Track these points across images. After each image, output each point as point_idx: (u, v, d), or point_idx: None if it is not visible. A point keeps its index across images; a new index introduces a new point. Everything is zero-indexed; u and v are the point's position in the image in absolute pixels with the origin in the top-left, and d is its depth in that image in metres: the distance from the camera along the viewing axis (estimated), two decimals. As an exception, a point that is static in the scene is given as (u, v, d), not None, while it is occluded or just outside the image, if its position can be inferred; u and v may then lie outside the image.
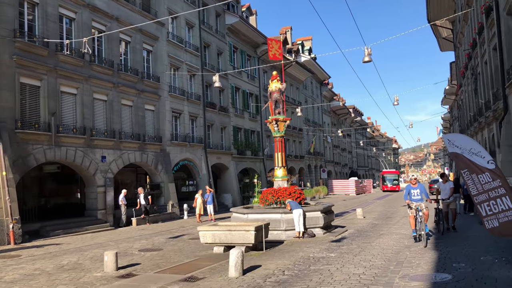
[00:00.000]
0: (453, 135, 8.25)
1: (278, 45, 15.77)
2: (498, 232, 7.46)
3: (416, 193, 11.34)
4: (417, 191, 11.35)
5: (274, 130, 15.62)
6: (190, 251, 12.16)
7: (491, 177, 7.50)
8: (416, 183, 11.53)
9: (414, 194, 11.35)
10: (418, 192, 11.34)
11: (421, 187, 11.42)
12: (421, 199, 11.25)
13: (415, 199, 11.33)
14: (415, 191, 11.37)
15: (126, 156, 20.93)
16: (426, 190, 11.84)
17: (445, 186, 13.28)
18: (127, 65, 21.77)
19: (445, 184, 13.34)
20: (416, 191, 11.36)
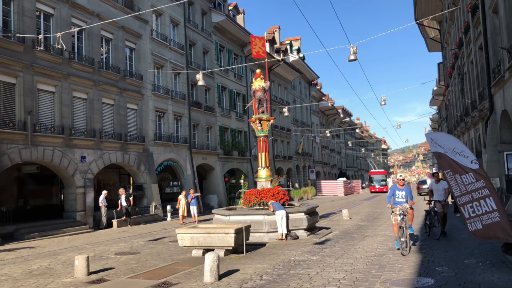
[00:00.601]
0: (436, 134, 7.96)
1: (262, 42, 15.40)
2: (481, 235, 7.17)
3: (402, 195, 10.22)
4: (402, 193, 10.23)
5: (258, 129, 15.25)
6: (169, 255, 11.74)
7: (474, 178, 7.21)
8: (403, 184, 10.36)
9: (399, 196, 10.23)
10: (403, 195, 10.21)
11: (407, 190, 10.23)
12: (405, 202, 10.22)
13: (399, 202, 10.15)
14: (400, 193, 10.25)
15: (107, 156, 20.39)
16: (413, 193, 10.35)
17: (438, 187, 12.18)
18: (109, 63, 21.23)
19: (438, 184, 12.21)
20: (401, 193, 10.25)
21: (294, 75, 48.53)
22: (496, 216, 6.90)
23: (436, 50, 40.23)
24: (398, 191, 10.28)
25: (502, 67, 12.09)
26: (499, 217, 6.87)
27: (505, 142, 13.42)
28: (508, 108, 12.11)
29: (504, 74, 11.87)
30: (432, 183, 12.56)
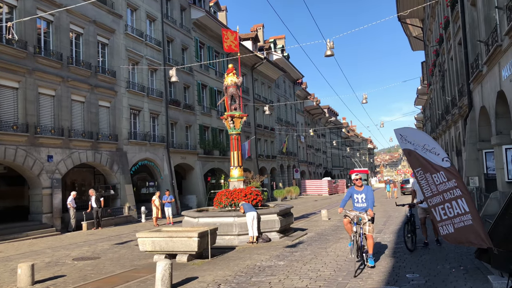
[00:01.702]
0: (405, 130, 7.37)
1: (234, 36, 14.73)
2: (453, 239, 6.60)
3: (361, 199, 8.21)
4: (362, 197, 8.18)
5: (230, 127, 14.58)
6: (130, 260, 11.02)
7: (445, 177, 6.64)
8: (362, 185, 8.31)
9: (358, 201, 8.23)
10: (363, 198, 8.19)
11: (368, 192, 8.21)
12: (366, 208, 8.08)
13: (358, 208, 8.21)
14: (359, 196, 8.23)
15: (76, 156, 19.51)
16: (374, 197, 8.42)
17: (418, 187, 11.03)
18: (79, 58, 20.34)
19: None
20: (361, 197, 8.20)
21: (278, 73, 47.95)
22: (468, 219, 6.33)
23: (419, 49, 40.12)
24: (357, 194, 8.27)
25: (480, 61, 11.63)
26: (471, 220, 6.31)
27: (483, 140, 12.97)
28: (486, 104, 11.65)
29: (482, 69, 11.41)
30: (414, 182, 10.71)
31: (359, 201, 8.26)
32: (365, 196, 8.19)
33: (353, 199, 8.35)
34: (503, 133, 10.55)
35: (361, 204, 8.23)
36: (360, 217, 7.98)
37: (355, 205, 8.32)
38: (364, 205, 8.16)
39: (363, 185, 8.31)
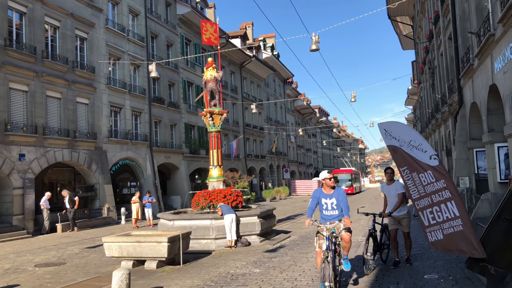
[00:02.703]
0: (390, 124, 6.65)
1: (214, 28, 13.96)
2: (442, 247, 5.90)
3: (331, 204, 6.28)
4: (332, 202, 6.28)
5: (209, 124, 13.80)
6: (96, 266, 10.22)
7: (434, 177, 5.93)
8: (333, 186, 6.43)
9: (327, 207, 6.29)
10: (333, 204, 6.26)
11: (339, 195, 6.30)
12: (338, 216, 6.23)
13: (329, 216, 6.26)
14: (328, 202, 6.28)
15: (51, 154, 18.59)
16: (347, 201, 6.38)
17: (390, 190, 7.98)
18: (55, 52, 19.42)
19: (391, 186, 7.99)
20: (330, 202, 6.29)
21: (267, 72, 47.23)
22: (458, 224, 5.63)
23: (410, 48, 39.67)
24: (325, 199, 6.31)
25: (471, 55, 10.99)
26: (462, 225, 5.61)
27: (474, 138, 12.35)
28: (477, 100, 11.01)
29: (473, 62, 10.77)
30: (384, 185, 8.32)
31: (328, 208, 6.26)
32: (335, 201, 6.22)
33: (320, 205, 6.33)
34: (495, 130, 9.91)
35: (331, 211, 6.23)
36: (334, 229, 6.05)
37: (323, 213, 6.31)
38: (335, 212, 6.22)
39: (335, 187, 6.39)
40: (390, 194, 7.98)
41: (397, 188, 7.87)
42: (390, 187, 8.06)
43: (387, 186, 8.16)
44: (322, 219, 6.33)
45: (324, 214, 6.36)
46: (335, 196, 6.29)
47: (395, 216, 7.85)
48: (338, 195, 6.30)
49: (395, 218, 7.88)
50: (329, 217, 6.26)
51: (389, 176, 8.15)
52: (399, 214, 7.84)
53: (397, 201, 7.72)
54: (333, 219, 6.19)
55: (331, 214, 6.27)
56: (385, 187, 8.22)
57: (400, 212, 7.84)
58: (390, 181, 8.13)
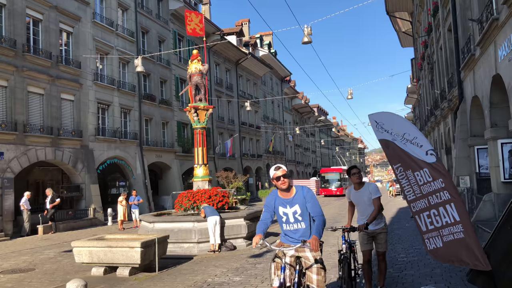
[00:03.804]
0: (381, 115, 5.81)
1: (199, 18, 13.17)
2: (441, 256, 5.08)
3: (293, 215, 4.16)
4: (293, 211, 4.15)
5: (194, 120, 13.03)
6: (66, 273, 9.43)
7: (430, 175, 5.11)
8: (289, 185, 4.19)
9: (289, 219, 4.20)
10: (297, 214, 4.15)
11: (304, 198, 4.15)
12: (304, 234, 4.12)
13: (293, 233, 4.21)
14: (289, 211, 4.17)
15: (33, 153, 17.78)
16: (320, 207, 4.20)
17: (361, 196, 5.82)
18: (38, 46, 18.61)
19: (361, 191, 5.83)
20: (292, 211, 4.16)
21: (264, 70, 46.44)
22: (459, 230, 4.82)
23: (409, 45, 38.93)
24: (283, 207, 4.18)
25: (472, 44, 10.20)
26: (463, 232, 4.80)
27: (476, 135, 11.56)
28: (479, 93, 10.21)
29: (475, 52, 9.97)
30: (351, 189, 6.05)
31: (289, 220, 4.13)
32: (299, 208, 4.08)
33: (279, 217, 4.23)
34: (498, 125, 9.13)
35: (295, 224, 4.13)
36: (299, 258, 4.06)
37: (284, 228, 4.25)
38: (301, 225, 4.10)
39: (294, 189, 4.19)
40: (362, 201, 5.77)
41: (370, 192, 5.72)
42: (360, 192, 5.81)
43: (356, 192, 5.87)
44: (285, 237, 4.23)
45: (285, 229, 4.22)
46: (298, 202, 4.06)
47: (369, 232, 5.71)
48: (303, 198, 4.07)
49: (369, 233, 5.74)
50: (294, 234, 4.12)
51: (357, 178, 5.81)
52: (375, 227, 5.73)
53: (374, 210, 5.60)
54: (300, 238, 4.02)
55: (296, 229, 4.11)
56: (353, 193, 5.92)
57: (377, 225, 5.73)
58: (359, 185, 5.84)
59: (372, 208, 5.68)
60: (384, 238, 5.82)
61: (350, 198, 6.03)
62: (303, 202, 4.12)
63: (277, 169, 4.16)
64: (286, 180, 4.14)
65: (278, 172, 4.14)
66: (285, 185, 4.13)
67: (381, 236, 5.79)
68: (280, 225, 4.31)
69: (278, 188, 4.20)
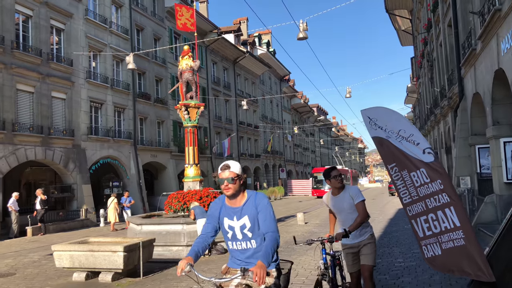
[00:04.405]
0: (375, 110, 5.34)
1: (190, 13, 12.72)
2: (440, 265, 4.62)
3: (241, 229, 3.09)
4: (241, 224, 3.08)
5: (185, 118, 12.57)
6: (47, 278, 8.97)
7: (428, 176, 4.65)
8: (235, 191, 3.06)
9: (235, 235, 3.12)
10: (246, 228, 3.08)
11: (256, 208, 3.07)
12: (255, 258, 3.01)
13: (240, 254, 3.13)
14: (236, 224, 3.10)
15: (22, 152, 17.33)
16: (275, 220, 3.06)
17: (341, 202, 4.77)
18: (27, 43, 18.17)
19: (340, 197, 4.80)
20: (239, 224, 3.09)
21: (262, 69, 46.01)
22: (459, 237, 4.36)
23: (409, 44, 38.54)
24: (230, 219, 3.13)
25: (473, 39, 9.74)
26: (463, 239, 4.34)
27: (476, 133, 11.11)
28: (480, 89, 9.76)
29: (476, 47, 9.52)
30: (329, 195, 4.97)
31: (236, 236, 3.14)
32: (249, 221, 3.07)
33: (224, 232, 3.21)
34: (501, 123, 8.67)
35: (243, 243, 3.12)
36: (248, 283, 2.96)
37: (230, 247, 3.22)
38: (251, 245, 3.11)
39: (245, 195, 3.16)
40: (342, 208, 4.74)
41: (351, 196, 4.71)
42: (340, 197, 4.77)
43: (334, 198, 4.82)
44: (232, 260, 3.21)
45: (231, 249, 3.20)
46: (248, 213, 3.06)
47: (353, 244, 4.71)
48: (254, 208, 3.06)
49: (352, 246, 4.73)
50: (242, 255, 3.12)
51: (338, 182, 4.78)
52: (359, 239, 4.71)
53: (357, 216, 4.60)
54: (249, 261, 3.05)
55: (244, 249, 3.10)
56: (332, 199, 4.85)
57: (361, 237, 4.72)
58: (339, 189, 4.80)
59: (355, 216, 4.65)
60: (371, 248, 4.72)
61: (329, 205, 4.96)
62: (254, 213, 3.07)
63: (224, 168, 3.07)
64: (231, 186, 3.02)
65: (224, 173, 3.06)
66: (229, 191, 3.04)
67: (368, 248, 4.71)
68: (225, 242, 3.24)
69: (224, 190, 3.08)
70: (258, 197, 3.14)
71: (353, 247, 4.73)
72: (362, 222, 4.61)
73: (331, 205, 4.93)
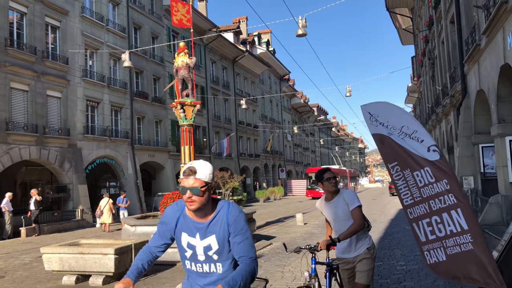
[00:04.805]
0: (376, 106, 5.00)
1: (186, 9, 12.40)
2: (444, 272, 4.30)
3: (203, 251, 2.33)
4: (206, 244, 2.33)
5: (180, 116, 12.24)
6: (36, 281, 8.67)
7: (433, 176, 4.31)
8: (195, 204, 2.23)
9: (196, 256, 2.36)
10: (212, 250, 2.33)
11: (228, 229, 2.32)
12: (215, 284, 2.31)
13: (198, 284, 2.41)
14: (200, 244, 2.33)
15: (16, 152, 17.03)
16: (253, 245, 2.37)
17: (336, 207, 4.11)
18: (22, 41, 17.87)
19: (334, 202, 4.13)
20: (203, 244, 2.33)
21: (262, 68, 45.68)
22: (467, 241, 4.04)
23: (409, 43, 38.26)
24: (191, 235, 2.36)
25: (477, 34, 9.43)
26: (471, 243, 4.02)
27: (480, 132, 10.80)
28: (484, 86, 9.44)
29: (480, 42, 9.21)
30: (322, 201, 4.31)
31: (197, 257, 2.38)
32: (216, 243, 2.33)
33: (180, 248, 2.44)
34: (506, 121, 8.36)
35: (205, 266, 2.39)
36: None
37: (187, 267, 2.47)
38: (214, 269, 2.37)
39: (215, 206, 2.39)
40: (337, 216, 4.11)
41: (346, 202, 4.07)
42: (333, 203, 4.14)
43: (328, 203, 4.19)
44: (187, 282, 2.52)
45: (188, 269, 2.48)
46: (217, 232, 2.34)
47: (348, 259, 4.10)
48: (226, 226, 2.34)
49: (348, 261, 4.11)
50: (202, 280, 2.42)
51: (332, 186, 4.13)
52: (355, 253, 4.07)
53: (352, 223, 3.94)
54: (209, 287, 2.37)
55: (206, 274, 2.41)
56: (325, 205, 4.22)
57: (356, 250, 4.08)
58: (333, 194, 4.16)
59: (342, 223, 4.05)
60: (367, 265, 4.02)
61: (323, 211, 4.31)
62: (225, 233, 2.32)
63: (188, 174, 2.27)
64: (196, 199, 2.23)
65: (187, 180, 2.27)
66: (193, 205, 2.25)
67: (363, 263, 4.02)
68: (181, 260, 2.49)
69: (185, 202, 2.29)
70: (231, 213, 2.35)
71: (348, 262, 4.11)
72: (357, 231, 3.91)
73: (324, 212, 4.26)
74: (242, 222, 2.37)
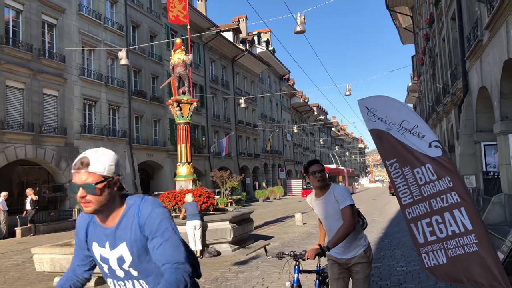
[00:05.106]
0: (374, 100, 4.76)
1: (183, 5, 12.20)
2: (444, 274, 4.07)
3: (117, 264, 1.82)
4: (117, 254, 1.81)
5: (177, 114, 12.04)
6: (27, 283, 8.49)
7: (435, 173, 4.08)
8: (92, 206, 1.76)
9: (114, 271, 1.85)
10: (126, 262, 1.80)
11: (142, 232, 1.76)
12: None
13: None
14: (112, 256, 1.81)
15: (11, 151, 16.82)
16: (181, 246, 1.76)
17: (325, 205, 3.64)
18: (18, 39, 17.67)
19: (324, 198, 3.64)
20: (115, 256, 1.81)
21: (261, 67, 45.46)
22: (471, 242, 3.82)
23: (409, 42, 38.04)
24: (100, 245, 1.85)
25: (479, 29, 9.21)
26: (476, 244, 3.80)
27: (482, 130, 10.59)
28: (487, 83, 9.23)
29: (482, 38, 8.99)
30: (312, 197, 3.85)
31: (115, 273, 1.87)
32: (129, 252, 1.79)
33: (98, 265, 1.93)
34: (509, 118, 8.15)
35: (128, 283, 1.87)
36: None
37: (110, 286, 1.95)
38: (138, 286, 1.86)
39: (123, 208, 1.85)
40: (327, 213, 3.66)
41: (336, 199, 3.59)
42: (324, 199, 3.68)
43: (318, 199, 3.73)
44: None
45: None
46: (126, 237, 1.79)
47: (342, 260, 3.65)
48: (137, 228, 1.78)
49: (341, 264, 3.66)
50: None
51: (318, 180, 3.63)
52: (349, 254, 3.63)
53: (341, 226, 3.45)
54: None
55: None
56: (315, 201, 3.77)
57: (351, 251, 3.62)
58: (322, 189, 3.70)
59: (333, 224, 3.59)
60: (364, 272, 3.59)
61: (314, 208, 3.84)
62: (138, 239, 1.79)
63: (78, 167, 1.78)
64: (91, 199, 1.76)
65: (78, 176, 1.76)
66: (89, 206, 1.77)
67: (358, 269, 3.58)
68: (103, 278, 1.98)
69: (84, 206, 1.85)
70: (142, 210, 1.79)
71: (341, 262, 3.67)
72: (347, 234, 3.40)
73: (315, 210, 3.79)
74: (158, 219, 1.75)
